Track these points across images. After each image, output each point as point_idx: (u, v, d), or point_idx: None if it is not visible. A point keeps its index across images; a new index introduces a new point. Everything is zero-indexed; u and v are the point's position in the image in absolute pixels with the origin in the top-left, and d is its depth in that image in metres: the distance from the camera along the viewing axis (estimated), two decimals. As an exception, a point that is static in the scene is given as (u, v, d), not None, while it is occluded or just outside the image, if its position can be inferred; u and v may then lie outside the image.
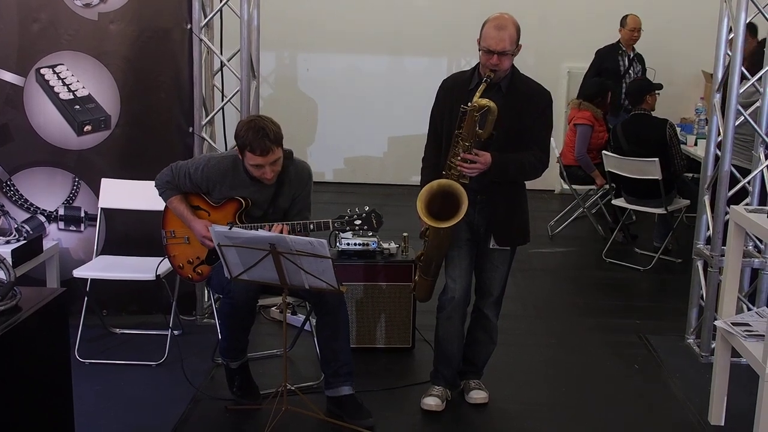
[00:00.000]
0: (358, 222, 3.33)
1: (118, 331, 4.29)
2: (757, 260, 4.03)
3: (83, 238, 4.41)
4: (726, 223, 3.83)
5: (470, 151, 3.19)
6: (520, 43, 3.24)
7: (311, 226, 3.35)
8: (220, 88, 4.61)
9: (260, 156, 3.27)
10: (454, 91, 3.37)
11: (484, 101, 3.12)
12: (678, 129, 5.84)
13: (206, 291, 4.45)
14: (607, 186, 6.11)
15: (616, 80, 6.72)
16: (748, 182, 4.12)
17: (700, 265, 4.26)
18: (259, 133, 3.25)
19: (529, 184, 3.51)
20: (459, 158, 3.20)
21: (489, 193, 3.34)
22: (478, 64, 3.32)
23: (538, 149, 3.34)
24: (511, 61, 3.26)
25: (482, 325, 3.59)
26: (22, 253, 3.97)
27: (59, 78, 4.24)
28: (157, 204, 3.64)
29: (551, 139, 5.20)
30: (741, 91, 3.96)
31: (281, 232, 3.24)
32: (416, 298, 3.76)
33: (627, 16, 6.86)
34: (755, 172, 4.09)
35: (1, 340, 2.29)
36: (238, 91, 4.31)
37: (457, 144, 3.21)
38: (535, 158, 3.33)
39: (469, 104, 3.14)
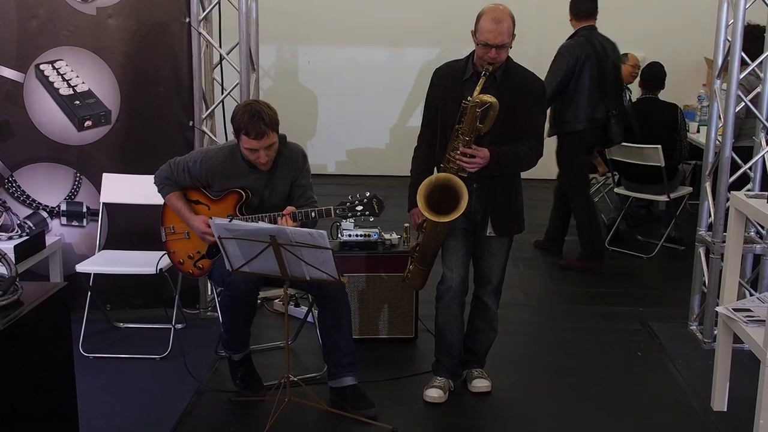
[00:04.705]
0: (359, 207, 3.32)
1: (121, 325, 4.31)
2: (758, 246, 4.03)
3: (86, 233, 4.42)
4: (727, 210, 3.82)
5: (469, 145, 3.18)
6: (515, 33, 3.23)
7: (313, 214, 3.35)
8: (220, 81, 4.61)
9: (254, 139, 3.28)
10: (448, 80, 3.36)
11: (486, 97, 3.11)
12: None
13: (209, 284, 4.47)
14: (609, 174, 6.09)
15: None
16: (750, 168, 4.11)
17: (702, 251, 4.25)
18: (254, 117, 3.26)
19: (531, 173, 3.51)
20: (458, 152, 3.20)
21: (485, 182, 3.33)
22: (473, 53, 3.30)
23: (532, 139, 3.34)
24: (507, 52, 3.25)
25: (482, 313, 3.60)
26: (25, 249, 3.99)
27: (59, 74, 4.25)
28: (159, 198, 3.65)
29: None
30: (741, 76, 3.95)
31: (289, 216, 3.28)
32: (410, 286, 3.77)
33: (626, 54, 6.23)
34: (756, 158, 4.07)
35: (3, 334, 2.29)
36: (237, 84, 4.31)
37: (457, 138, 3.21)
38: (530, 149, 3.33)
39: (470, 99, 3.12)
